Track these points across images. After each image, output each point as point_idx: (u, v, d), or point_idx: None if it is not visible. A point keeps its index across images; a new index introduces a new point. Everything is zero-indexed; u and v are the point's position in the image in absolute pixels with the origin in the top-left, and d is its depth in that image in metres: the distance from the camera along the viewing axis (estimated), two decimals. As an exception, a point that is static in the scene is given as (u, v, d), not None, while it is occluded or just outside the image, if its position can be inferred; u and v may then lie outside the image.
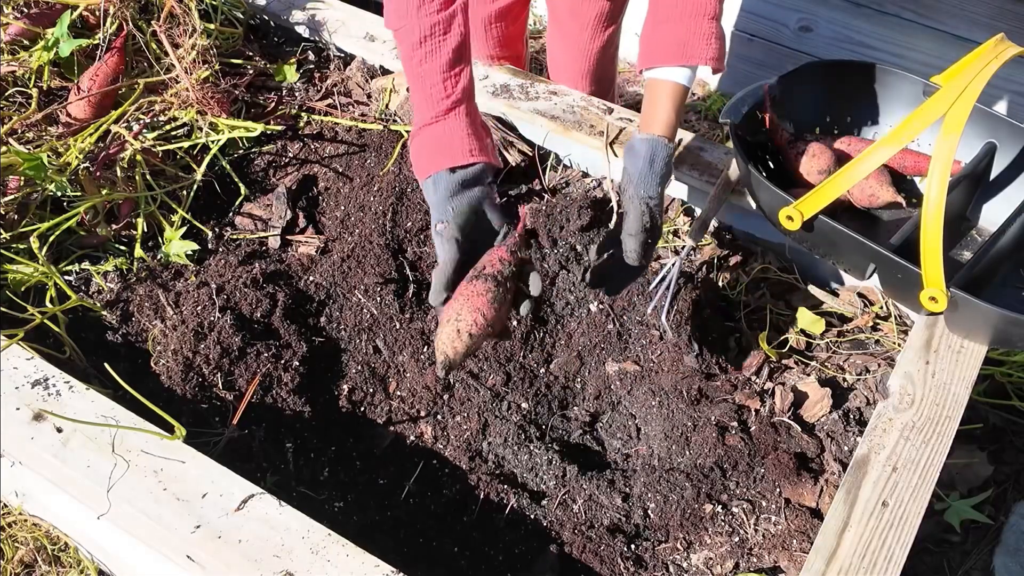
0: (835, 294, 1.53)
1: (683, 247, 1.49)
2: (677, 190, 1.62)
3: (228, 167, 1.64)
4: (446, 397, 1.40)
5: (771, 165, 1.48)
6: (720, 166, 1.56)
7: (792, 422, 1.33)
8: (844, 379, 1.41)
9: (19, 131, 1.58)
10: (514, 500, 1.29)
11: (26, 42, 1.71)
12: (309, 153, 1.70)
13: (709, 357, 1.42)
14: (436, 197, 1.13)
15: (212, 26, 1.77)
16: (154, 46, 1.71)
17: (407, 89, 1.69)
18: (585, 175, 1.70)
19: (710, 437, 1.31)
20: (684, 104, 1.32)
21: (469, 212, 1.15)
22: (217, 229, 1.59)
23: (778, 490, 1.27)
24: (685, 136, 1.64)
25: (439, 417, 1.39)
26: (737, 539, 1.24)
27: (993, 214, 1.43)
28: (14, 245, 1.46)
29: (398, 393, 1.42)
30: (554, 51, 2.04)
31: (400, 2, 1.16)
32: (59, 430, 1.19)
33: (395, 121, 1.73)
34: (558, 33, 1.98)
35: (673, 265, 1.45)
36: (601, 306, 1.50)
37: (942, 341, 1.33)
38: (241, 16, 1.89)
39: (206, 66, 1.68)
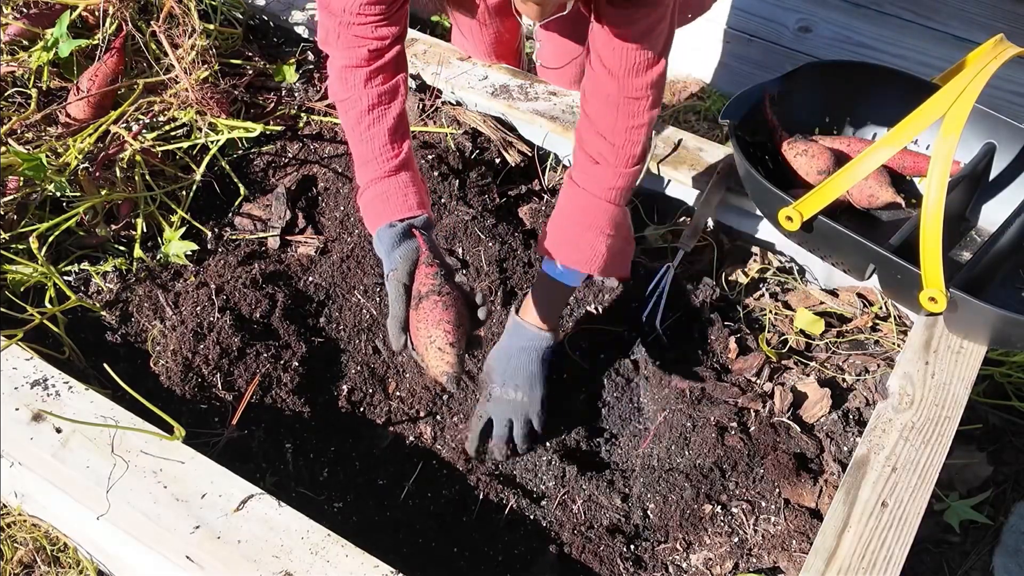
0: (835, 294, 1.53)
1: (676, 252, 1.49)
2: (677, 190, 1.62)
3: (227, 167, 1.64)
4: (445, 398, 1.40)
5: (771, 165, 1.48)
6: (720, 166, 1.56)
7: (791, 422, 1.33)
8: (843, 379, 1.41)
9: (18, 131, 1.57)
10: (513, 500, 1.29)
11: (25, 42, 1.71)
12: (308, 153, 1.70)
13: (709, 358, 1.42)
14: (384, 248, 1.20)
15: (211, 26, 1.76)
16: (153, 46, 1.71)
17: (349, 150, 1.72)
18: (584, 175, 1.70)
19: (709, 437, 1.31)
20: (568, 299, 1.44)
21: (413, 254, 1.21)
22: (216, 229, 1.59)
23: (777, 490, 1.27)
24: (685, 136, 1.64)
25: (438, 417, 1.39)
26: (736, 539, 1.24)
27: (992, 214, 1.43)
28: (13, 245, 1.46)
29: (397, 393, 1.42)
30: (544, 55, 2.04)
31: (345, 79, 1.24)
32: (58, 430, 1.19)
33: (395, 121, 1.73)
34: (547, 36, 1.98)
35: (665, 272, 1.45)
36: (600, 307, 1.50)
37: (941, 341, 1.33)
38: (240, 16, 1.89)
39: (205, 66, 1.68)
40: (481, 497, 1.29)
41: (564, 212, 1.32)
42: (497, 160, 1.69)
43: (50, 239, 1.47)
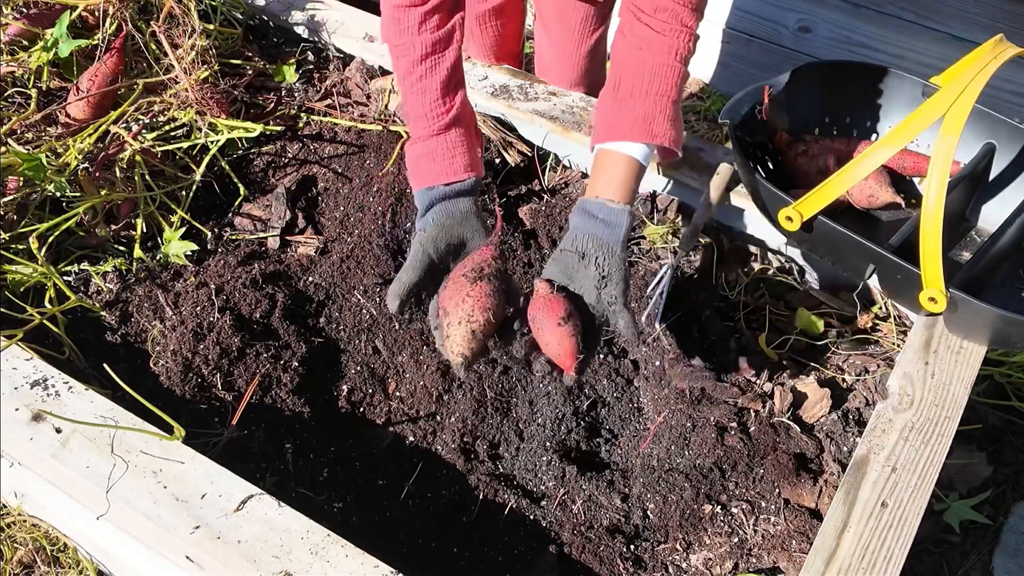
0: (835, 294, 1.53)
1: (676, 252, 1.49)
2: (677, 190, 1.62)
3: (227, 167, 1.64)
4: (445, 398, 1.40)
5: (770, 165, 1.48)
6: (720, 167, 1.56)
7: (791, 423, 1.33)
8: (843, 380, 1.41)
9: (18, 131, 1.57)
10: (513, 501, 1.29)
11: (25, 42, 1.71)
12: (308, 154, 1.70)
13: (708, 358, 1.42)
14: (423, 207, 1.17)
15: (211, 26, 1.76)
16: (153, 46, 1.71)
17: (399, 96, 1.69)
18: (585, 176, 1.70)
19: (709, 438, 1.31)
20: (640, 180, 1.23)
21: (451, 224, 1.17)
22: (216, 230, 1.59)
23: (777, 490, 1.27)
24: (685, 136, 1.64)
25: (438, 418, 1.39)
26: (736, 540, 1.24)
27: (992, 214, 1.43)
28: (13, 245, 1.46)
29: (397, 394, 1.42)
30: (542, 57, 2.04)
31: (399, 20, 1.18)
32: (58, 431, 1.19)
33: (394, 122, 1.73)
34: (545, 37, 1.98)
35: (665, 272, 1.45)
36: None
37: (941, 341, 1.33)
38: (240, 16, 1.89)
39: (205, 66, 1.68)
40: (481, 497, 1.29)
41: (626, 78, 1.19)
42: (497, 160, 1.69)
43: (50, 239, 1.47)
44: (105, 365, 1.27)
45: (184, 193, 1.60)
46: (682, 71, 1.20)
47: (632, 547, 1.25)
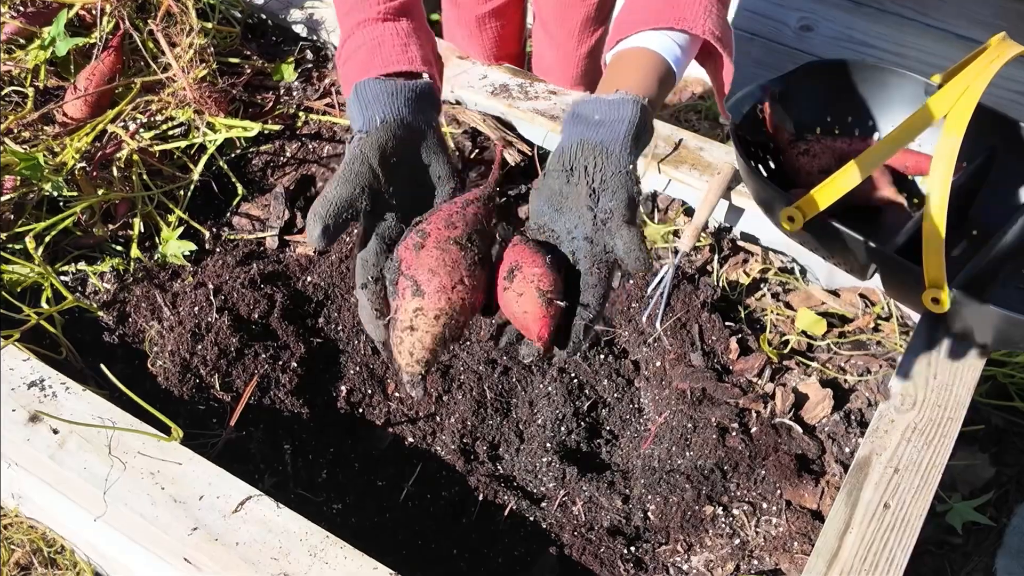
0: (836, 294, 1.53)
1: (677, 252, 1.48)
2: (677, 191, 1.61)
3: (225, 167, 1.63)
4: (445, 399, 1.40)
5: (772, 165, 1.48)
6: (720, 166, 1.56)
7: (793, 423, 1.32)
8: (845, 380, 1.40)
9: (15, 130, 1.57)
10: (513, 502, 1.28)
11: (22, 41, 1.70)
12: (307, 153, 1.69)
13: (709, 359, 1.42)
14: (361, 107, 0.83)
15: (209, 25, 1.76)
16: (151, 45, 1.70)
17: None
18: (585, 175, 1.69)
19: (710, 438, 1.30)
20: (666, 86, 0.90)
21: (405, 135, 0.84)
22: (214, 229, 1.58)
23: (779, 492, 1.26)
24: (686, 135, 1.63)
25: (438, 418, 1.39)
26: (738, 541, 1.23)
27: (995, 214, 1.42)
28: (10, 245, 1.45)
29: (397, 394, 1.41)
30: (541, 56, 2.03)
31: None
32: (55, 431, 1.18)
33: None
34: (545, 38, 1.97)
35: (667, 271, 1.44)
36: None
37: (944, 342, 1.32)
38: (239, 15, 1.88)
39: (203, 65, 1.67)
40: (481, 498, 1.28)
41: None
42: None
43: (47, 239, 1.46)
44: (102, 366, 1.26)
45: (182, 192, 1.59)
46: None
47: (633, 548, 1.24)
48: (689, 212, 1.61)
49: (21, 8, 1.72)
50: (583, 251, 0.80)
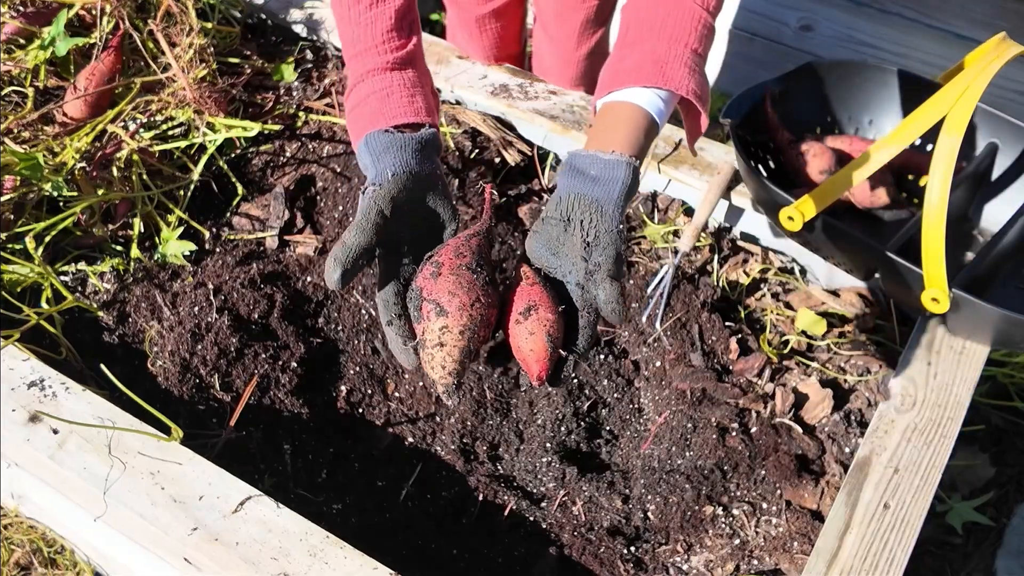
0: (836, 294, 1.53)
1: (677, 252, 1.48)
2: (677, 191, 1.61)
3: (225, 167, 1.63)
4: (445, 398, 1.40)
5: (772, 165, 1.48)
6: (720, 166, 1.56)
7: (793, 423, 1.32)
8: (845, 380, 1.40)
9: (15, 130, 1.57)
10: (513, 502, 1.28)
11: (22, 41, 1.70)
12: (307, 153, 1.69)
13: (709, 359, 1.42)
14: (373, 157, 0.91)
15: (209, 25, 1.76)
16: (151, 45, 1.70)
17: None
18: (585, 175, 1.69)
19: (710, 439, 1.30)
20: (651, 138, 0.98)
21: (414, 186, 0.92)
22: (214, 229, 1.58)
23: (779, 492, 1.26)
24: (685, 136, 1.63)
25: (438, 418, 1.39)
26: (738, 541, 1.23)
27: (995, 214, 1.42)
28: (10, 245, 1.45)
29: (396, 394, 1.41)
30: (541, 56, 2.03)
31: None
32: (55, 432, 1.18)
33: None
34: (545, 38, 1.97)
35: (666, 272, 1.44)
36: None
37: (944, 342, 1.32)
38: (238, 15, 1.88)
39: (203, 65, 1.67)
40: (481, 498, 1.28)
41: (634, 24, 1.00)
42: (496, 160, 1.68)
43: (47, 239, 1.46)
44: (102, 366, 1.26)
45: (182, 192, 1.59)
46: (704, 18, 1.00)
47: (633, 548, 1.24)
48: (689, 212, 1.61)
49: (21, 8, 1.72)
50: (576, 295, 0.90)
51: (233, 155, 1.68)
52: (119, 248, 1.53)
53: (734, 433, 1.31)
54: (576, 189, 0.92)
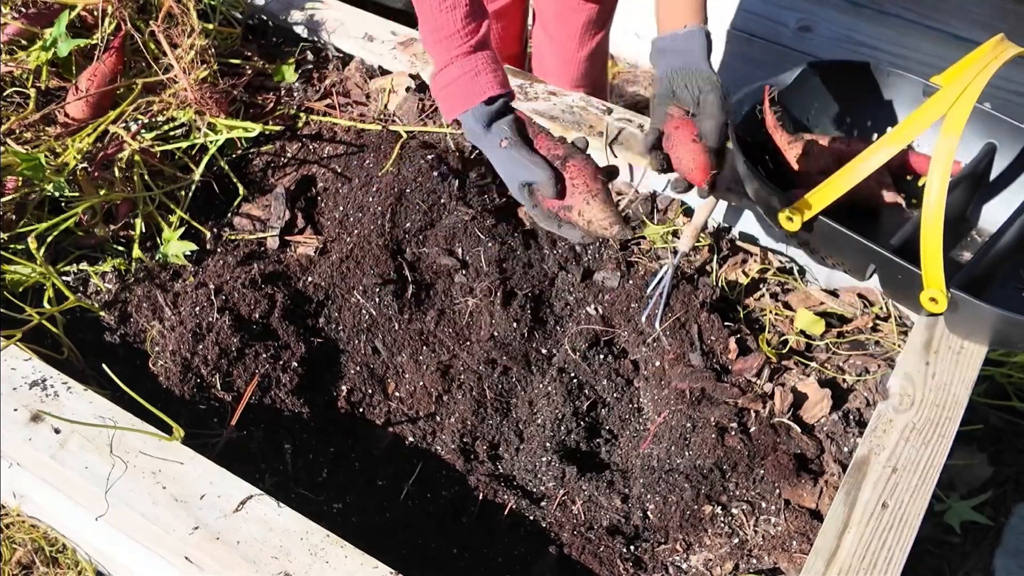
0: (835, 295, 1.53)
1: (676, 252, 1.49)
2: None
3: (226, 167, 1.63)
4: (445, 398, 1.40)
5: (771, 165, 1.48)
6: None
7: (792, 423, 1.33)
8: (844, 380, 1.41)
9: (17, 131, 1.57)
10: (513, 501, 1.28)
11: (24, 42, 1.71)
12: (308, 153, 1.70)
13: (708, 359, 1.42)
14: (481, 124, 1.17)
15: (210, 26, 1.76)
16: (152, 46, 1.70)
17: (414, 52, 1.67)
18: (584, 175, 1.70)
19: (709, 438, 1.31)
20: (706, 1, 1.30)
21: (518, 126, 1.19)
22: (215, 230, 1.59)
23: (778, 491, 1.26)
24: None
25: (438, 418, 1.39)
26: (737, 540, 1.23)
27: (993, 215, 1.43)
28: (12, 245, 1.45)
29: (397, 394, 1.42)
30: (541, 58, 2.03)
31: None
32: (57, 431, 1.18)
33: (394, 121, 1.73)
34: (545, 39, 1.97)
35: (665, 272, 1.45)
36: (600, 308, 1.49)
37: (942, 342, 1.33)
38: (239, 16, 1.88)
39: (204, 66, 1.67)
40: (481, 498, 1.29)
41: None
42: (497, 160, 1.68)
43: (48, 239, 1.46)
44: (104, 365, 1.27)
45: (183, 193, 1.59)
46: None
47: (632, 548, 1.24)
48: (688, 212, 1.62)
49: (23, 9, 1.73)
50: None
51: (234, 156, 1.69)
52: (120, 248, 1.53)
53: (733, 433, 1.32)
54: (670, 66, 1.26)
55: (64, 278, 1.47)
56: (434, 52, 1.19)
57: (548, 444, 1.35)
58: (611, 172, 1.21)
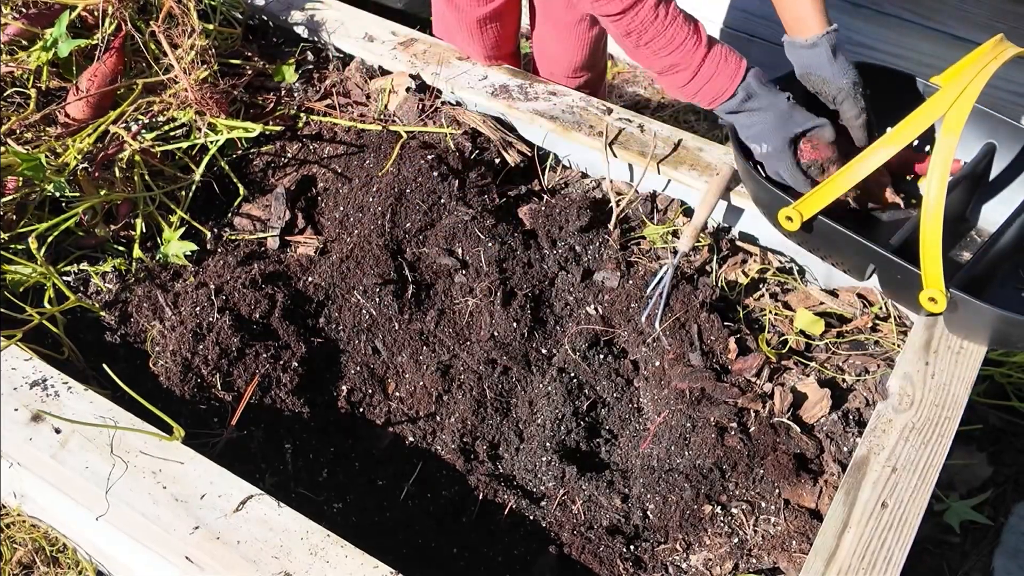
0: (834, 295, 1.53)
1: (676, 252, 1.49)
2: (677, 190, 1.62)
3: (227, 167, 1.63)
4: (445, 398, 1.40)
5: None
6: (719, 167, 1.56)
7: (791, 423, 1.33)
8: (843, 380, 1.41)
9: (17, 131, 1.57)
10: (513, 501, 1.29)
11: (24, 42, 1.71)
12: (308, 154, 1.70)
13: (708, 359, 1.42)
14: (767, 85, 1.36)
15: (211, 26, 1.76)
16: (153, 46, 1.71)
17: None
18: (584, 175, 1.70)
19: (709, 438, 1.31)
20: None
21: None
22: (216, 230, 1.59)
23: (777, 491, 1.27)
24: (685, 136, 1.64)
25: (438, 418, 1.39)
26: (736, 540, 1.24)
27: (992, 214, 1.43)
28: (12, 245, 1.46)
29: (397, 394, 1.42)
30: (545, 44, 2.02)
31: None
32: (57, 431, 1.19)
33: (394, 121, 1.73)
34: (549, 24, 1.97)
35: (665, 272, 1.45)
36: (600, 308, 1.50)
37: (941, 342, 1.33)
38: (240, 16, 1.89)
39: (205, 66, 1.67)
40: (481, 497, 1.29)
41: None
42: (497, 160, 1.69)
43: (49, 239, 1.46)
44: (104, 365, 1.27)
45: (183, 193, 1.59)
46: None
47: (632, 547, 1.24)
48: (688, 212, 1.62)
49: (23, 9, 1.73)
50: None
51: (234, 156, 1.69)
52: (121, 248, 1.53)
53: (733, 432, 1.32)
54: (801, 69, 1.41)
55: (65, 278, 1.47)
56: (671, 61, 1.34)
57: (548, 444, 1.35)
58: None
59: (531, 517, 1.28)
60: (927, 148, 1.47)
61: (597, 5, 1.33)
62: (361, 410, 1.40)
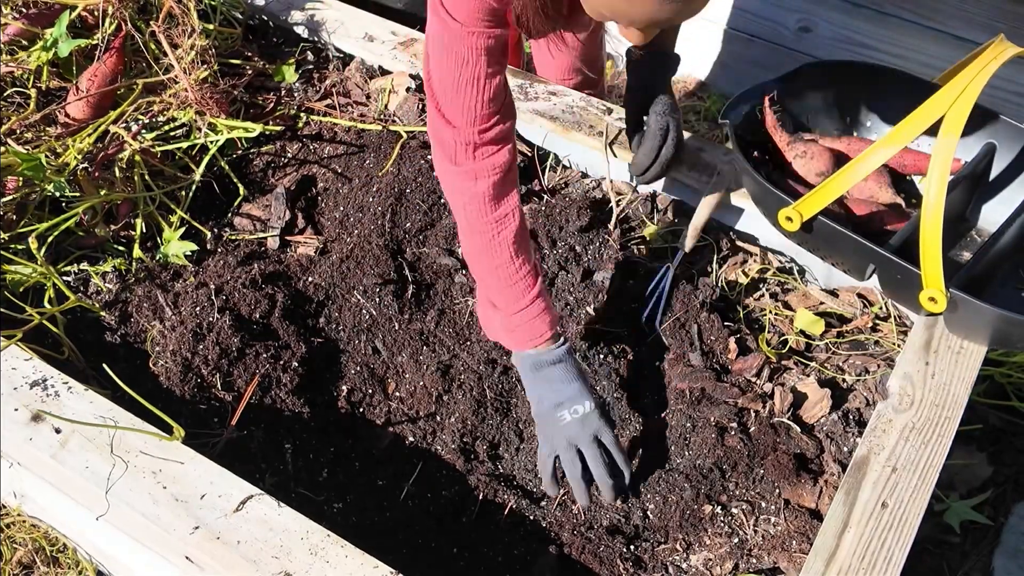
0: (834, 294, 1.53)
1: (676, 252, 1.49)
2: (677, 191, 1.62)
3: (227, 167, 1.64)
4: (445, 398, 1.40)
5: (770, 166, 1.48)
6: (720, 167, 1.56)
7: (791, 423, 1.33)
8: (843, 380, 1.41)
9: (18, 131, 1.57)
10: (513, 501, 1.29)
11: (25, 42, 1.71)
12: (308, 154, 1.70)
13: (708, 359, 1.42)
14: (536, 361, 1.28)
15: (211, 26, 1.76)
16: (153, 46, 1.71)
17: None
18: (584, 175, 1.70)
19: (709, 438, 1.31)
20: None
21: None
22: (216, 230, 1.59)
23: (777, 491, 1.27)
24: (685, 136, 1.63)
25: (438, 418, 1.39)
26: (736, 540, 1.24)
27: (992, 214, 1.43)
28: (12, 245, 1.46)
29: (397, 394, 1.42)
30: (545, 44, 2.02)
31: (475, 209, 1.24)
32: (57, 431, 1.19)
33: (394, 121, 1.73)
34: (542, 47, 1.97)
35: (665, 272, 1.45)
36: (600, 308, 1.50)
37: (942, 342, 1.33)
38: (240, 16, 1.89)
39: (205, 66, 1.67)
40: (481, 497, 1.29)
41: None
42: (497, 160, 1.68)
43: (49, 239, 1.46)
44: (104, 365, 1.27)
45: (183, 193, 1.59)
46: None
47: (632, 547, 1.24)
48: (688, 212, 1.62)
49: (23, 10, 1.73)
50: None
51: (234, 156, 1.69)
52: (121, 248, 1.53)
53: (733, 432, 1.32)
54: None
55: (65, 278, 1.47)
56: (498, 300, 1.28)
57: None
58: None
59: (531, 517, 1.28)
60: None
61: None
62: (361, 410, 1.40)
